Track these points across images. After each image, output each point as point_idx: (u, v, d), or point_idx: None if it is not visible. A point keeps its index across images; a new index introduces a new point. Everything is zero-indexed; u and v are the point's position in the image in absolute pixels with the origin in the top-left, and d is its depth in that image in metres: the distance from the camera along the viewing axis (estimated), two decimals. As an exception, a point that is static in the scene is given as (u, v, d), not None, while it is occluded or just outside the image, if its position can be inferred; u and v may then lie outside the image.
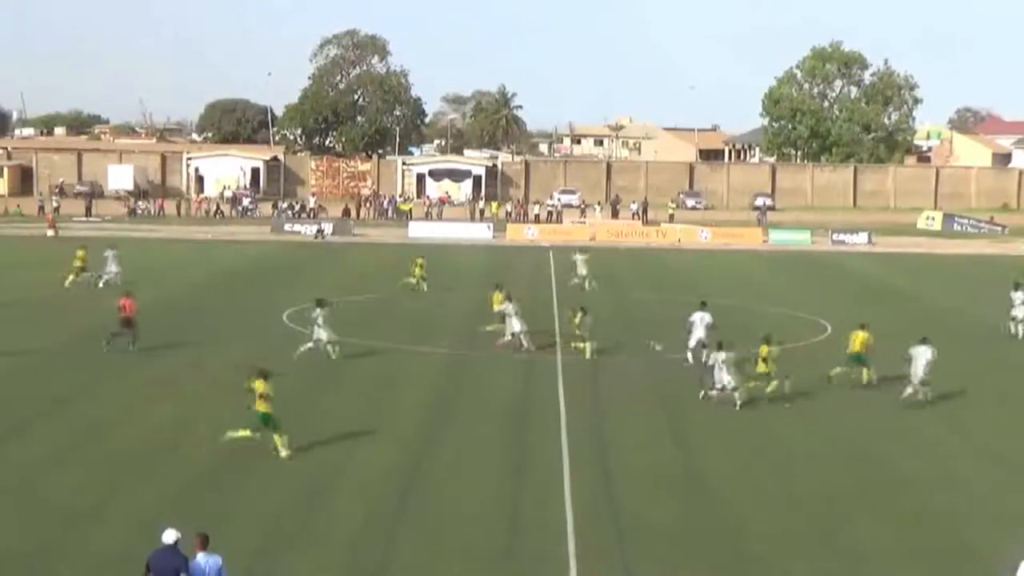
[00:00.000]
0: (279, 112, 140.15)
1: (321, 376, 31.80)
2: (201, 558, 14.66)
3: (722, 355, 28.56)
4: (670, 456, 24.60)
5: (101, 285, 46.75)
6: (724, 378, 28.38)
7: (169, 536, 14.66)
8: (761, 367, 29.38)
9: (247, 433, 23.62)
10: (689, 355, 33.17)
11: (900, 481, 23.14)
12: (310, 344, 33.48)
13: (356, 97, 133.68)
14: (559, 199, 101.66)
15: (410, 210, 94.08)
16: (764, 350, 29.61)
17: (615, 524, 20.18)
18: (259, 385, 23.84)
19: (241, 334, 37.93)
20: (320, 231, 78.44)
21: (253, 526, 19.67)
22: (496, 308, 37.29)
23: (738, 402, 28.27)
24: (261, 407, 23.65)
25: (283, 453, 23.41)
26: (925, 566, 18.71)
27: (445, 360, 34.46)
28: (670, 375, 32.77)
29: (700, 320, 33.21)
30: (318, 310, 33.74)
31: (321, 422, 26.64)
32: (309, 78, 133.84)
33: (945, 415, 28.66)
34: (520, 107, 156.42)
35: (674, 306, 45.84)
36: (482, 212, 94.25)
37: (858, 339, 31.31)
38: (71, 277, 47.34)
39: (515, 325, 35.13)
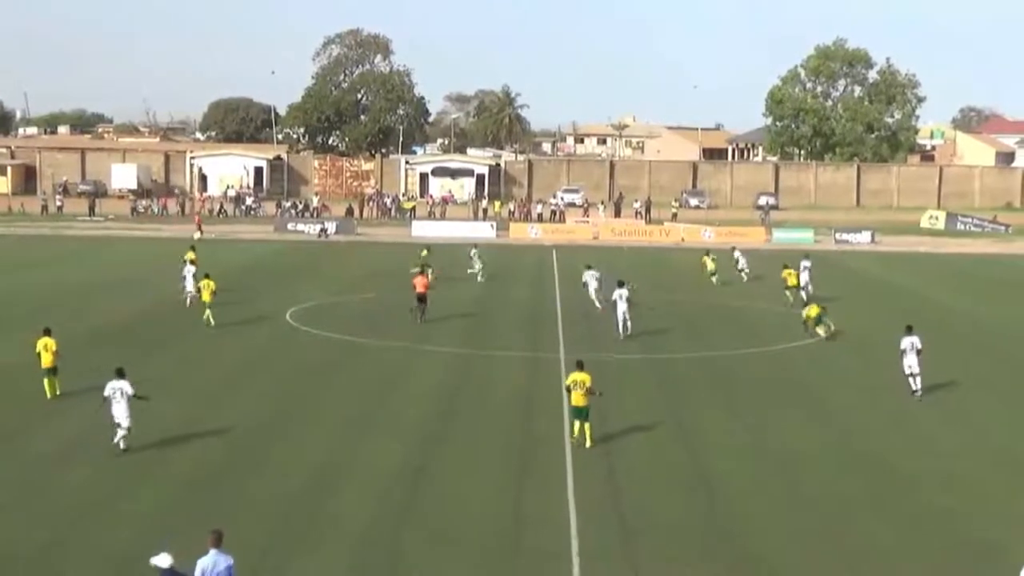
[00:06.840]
0: (282, 111, 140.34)
1: (324, 374, 31.84)
2: (213, 555, 14.56)
3: (917, 340, 29.47)
4: (674, 454, 24.58)
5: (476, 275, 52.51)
6: (911, 361, 29.22)
7: (164, 561, 14.47)
8: None
9: (578, 424, 24.37)
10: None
11: (904, 480, 23.11)
12: (621, 330, 36.27)
13: (359, 96, 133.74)
14: (562, 198, 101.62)
15: (413, 209, 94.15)
16: None
17: (619, 522, 20.17)
18: (583, 378, 24.32)
19: (244, 333, 37.97)
20: (323, 230, 78.49)
21: (258, 525, 19.65)
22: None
23: (919, 391, 29.27)
24: (579, 400, 24.20)
25: (587, 443, 24.08)
26: (929, 565, 18.67)
27: (450, 357, 34.48)
28: (673, 374, 32.79)
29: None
30: (619, 290, 35.37)
31: (325, 420, 26.66)
32: (312, 77, 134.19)
33: (949, 414, 28.63)
34: (523, 106, 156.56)
35: (686, 305, 45.87)
36: (485, 211, 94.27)
37: None
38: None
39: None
